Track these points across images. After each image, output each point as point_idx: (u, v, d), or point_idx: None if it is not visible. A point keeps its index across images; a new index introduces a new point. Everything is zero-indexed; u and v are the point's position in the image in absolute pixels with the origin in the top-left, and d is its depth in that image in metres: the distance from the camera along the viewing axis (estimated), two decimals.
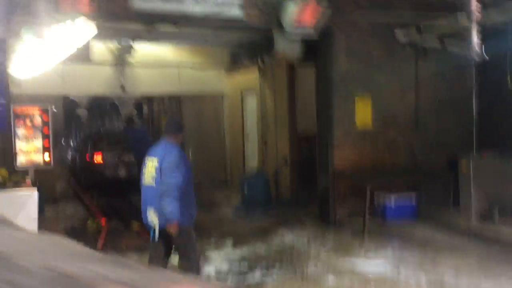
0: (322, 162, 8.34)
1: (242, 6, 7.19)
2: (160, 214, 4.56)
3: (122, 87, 11.48)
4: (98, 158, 11.20)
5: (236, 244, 7.17)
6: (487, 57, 7.34)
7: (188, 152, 13.43)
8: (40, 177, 10.33)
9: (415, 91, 8.69)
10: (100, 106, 14.72)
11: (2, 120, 6.07)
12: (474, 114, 9.04)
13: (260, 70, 10.77)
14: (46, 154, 10.54)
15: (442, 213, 7.79)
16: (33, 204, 4.68)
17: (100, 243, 7.17)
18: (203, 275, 5.04)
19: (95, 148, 11.28)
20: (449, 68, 8.73)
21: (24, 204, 4.62)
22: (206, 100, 12.94)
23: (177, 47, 11.85)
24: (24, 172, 6.27)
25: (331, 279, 5.66)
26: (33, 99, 10.65)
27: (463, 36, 8.24)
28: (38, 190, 9.55)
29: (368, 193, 7.54)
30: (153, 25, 7.19)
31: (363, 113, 8.28)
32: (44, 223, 8.49)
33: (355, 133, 8.24)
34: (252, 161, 11.39)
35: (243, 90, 11.81)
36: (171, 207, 4.48)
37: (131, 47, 10.84)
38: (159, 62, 11.83)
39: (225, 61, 12.16)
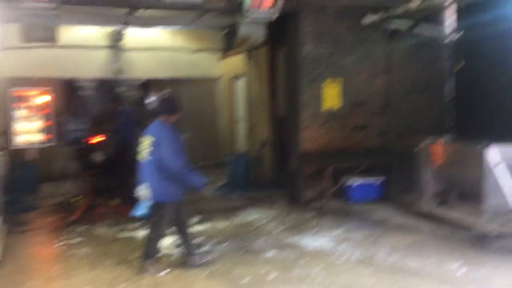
0: (291, 144, 8.53)
1: None
2: (154, 189, 5.07)
3: (117, 71, 11.91)
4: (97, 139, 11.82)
5: (201, 221, 7.50)
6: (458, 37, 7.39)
7: (184, 133, 13.85)
8: (39, 156, 11.01)
9: (386, 74, 8.75)
10: (105, 88, 15.19)
11: None
12: (448, 96, 9.04)
13: (247, 53, 10.98)
14: (45, 134, 11.20)
15: (406, 196, 7.88)
16: None
17: (75, 215, 7.62)
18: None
19: (95, 129, 11.83)
20: (421, 51, 8.76)
21: None
22: (200, 83, 13.22)
23: (173, 32, 12.18)
24: None
25: (272, 252, 5.93)
26: (33, 82, 11.24)
27: (435, 17, 8.33)
28: (32, 168, 10.23)
29: (328, 174, 7.72)
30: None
31: (332, 96, 8.41)
32: (38, 198, 9.15)
33: (323, 116, 8.39)
34: (243, 143, 11.68)
35: (234, 74, 12.04)
36: (195, 177, 5.25)
37: (122, 32, 11.27)
38: (153, 46, 12.19)
39: (219, 45, 12.40)
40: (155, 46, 12.22)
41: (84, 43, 11.60)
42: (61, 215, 7.90)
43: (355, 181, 8.19)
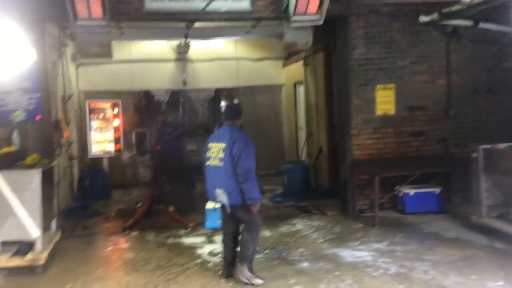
0: (342, 152, 8.29)
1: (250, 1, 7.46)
2: (230, 193, 5.08)
3: (184, 82, 12.37)
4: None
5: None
6: None
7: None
8: (111, 164, 11.71)
9: (446, 76, 8.22)
10: (177, 99, 15.86)
11: (36, 112, 7.02)
12: None
13: (304, 60, 10.89)
14: (117, 144, 11.87)
15: (465, 208, 7.34)
16: (37, 183, 5.47)
17: (129, 222, 7.98)
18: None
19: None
20: (486, 50, 8.12)
21: (30, 182, 5.46)
22: (265, 91, 13.31)
23: (236, 41, 12.39)
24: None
25: (307, 263, 5.80)
26: (106, 95, 11.99)
27: (500, 14, 7.67)
28: (103, 175, 10.86)
29: (376, 183, 7.39)
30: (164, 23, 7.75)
31: (385, 101, 8.06)
32: (106, 204, 9.74)
33: (376, 122, 8.05)
34: (304, 151, 11.57)
35: (296, 81, 11.99)
36: (255, 189, 5.07)
37: (187, 44, 11.69)
38: (218, 57, 12.48)
39: (282, 53, 12.40)
40: (220, 57, 12.50)
41: (153, 57, 12.15)
42: (122, 220, 8.27)
43: (411, 191, 7.74)
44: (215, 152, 5.19)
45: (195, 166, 9.55)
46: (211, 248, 6.50)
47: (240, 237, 5.34)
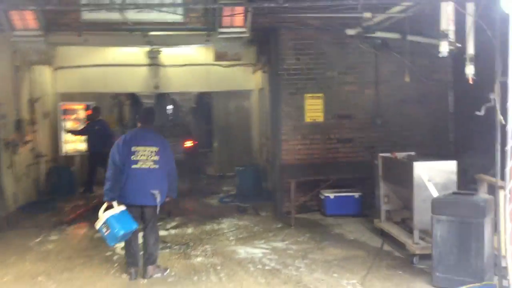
0: (273, 157, 8.72)
1: (184, 12, 7.97)
2: (162, 193, 5.42)
3: (156, 86, 12.97)
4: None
5: (177, 225, 8.05)
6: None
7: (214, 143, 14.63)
8: (83, 163, 12.37)
9: (375, 86, 8.57)
10: (161, 101, 16.53)
11: None
12: (446, 110, 8.59)
13: (263, 68, 11.33)
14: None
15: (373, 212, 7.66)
16: None
17: (68, 217, 8.58)
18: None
19: None
20: (416, 62, 8.40)
21: None
22: (235, 96, 13.80)
23: (208, 48, 12.89)
24: None
25: (202, 258, 6.27)
26: (81, 97, 12.70)
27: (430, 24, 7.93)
28: (70, 174, 11.52)
29: (292, 186, 7.80)
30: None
31: (314, 109, 8.46)
32: (69, 200, 10.36)
33: (305, 129, 8.46)
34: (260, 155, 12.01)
35: (259, 88, 12.44)
36: (176, 185, 5.63)
37: (158, 50, 12.30)
38: (190, 62, 12.99)
39: (252, 60, 12.85)
40: (191, 62, 13.01)
41: (126, 61, 12.75)
42: (70, 215, 8.85)
43: (332, 194, 8.13)
44: (146, 155, 5.44)
45: None
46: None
47: (143, 239, 5.57)
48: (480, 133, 6.37)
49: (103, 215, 5.25)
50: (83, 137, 11.70)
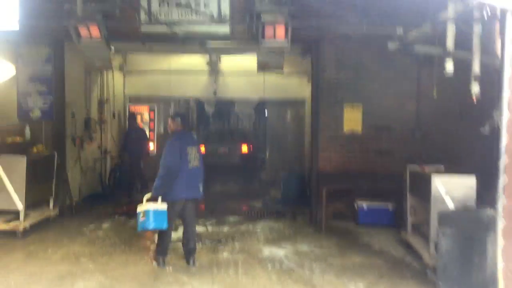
0: (311, 165, 9.03)
1: (230, 26, 8.55)
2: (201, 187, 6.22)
3: (214, 92, 13.72)
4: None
5: (218, 223, 8.62)
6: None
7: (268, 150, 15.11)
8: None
9: (416, 99, 8.63)
10: (221, 107, 17.26)
11: (49, 112, 8.73)
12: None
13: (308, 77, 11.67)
14: (151, 144, 13.53)
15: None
16: (23, 167, 7.09)
17: (120, 209, 9.42)
18: None
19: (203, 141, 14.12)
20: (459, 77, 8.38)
21: (17, 166, 7.09)
22: (290, 105, 14.21)
23: None
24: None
25: (227, 253, 6.77)
26: (147, 100, 13.73)
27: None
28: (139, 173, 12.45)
29: (323, 194, 8.08)
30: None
31: (353, 120, 8.69)
32: (129, 195, 11.29)
33: (342, 139, 8.70)
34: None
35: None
36: None
37: (218, 59, 13.06)
38: (247, 71, 13.62)
39: (307, 69, 13.24)
40: (248, 70, 13.62)
41: (189, 69, 13.62)
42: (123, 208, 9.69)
43: (365, 204, 8.31)
44: (193, 154, 6.10)
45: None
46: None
47: (186, 232, 6.20)
48: None
49: (147, 205, 5.80)
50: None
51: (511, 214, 4.21)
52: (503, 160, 4.15)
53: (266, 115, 15.60)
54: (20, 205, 7.17)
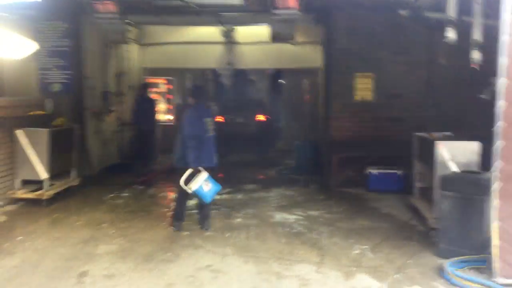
0: (323, 133, 9.22)
1: None
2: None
3: (229, 62, 13.86)
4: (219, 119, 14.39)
5: (232, 191, 8.92)
6: None
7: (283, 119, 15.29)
8: (163, 131, 13.73)
9: (427, 67, 8.68)
10: (238, 78, 17.42)
11: (69, 85, 9.07)
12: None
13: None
14: (168, 115, 13.86)
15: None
16: (45, 139, 7.47)
17: (141, 179, 9.78)
18: None
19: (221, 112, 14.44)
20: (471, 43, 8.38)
21: (41, 138, 7.48)
22: (305, 73, 14.29)
23: None
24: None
25: (241, 218, 7.09)
26: (164, 72, 13.97)
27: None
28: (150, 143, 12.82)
29: (334, 161, 8.29)
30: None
31: (364, 88, 8.80)
32: (148, 165, 11.65)
33: (354, 107, 8.85)
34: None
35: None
36: None
37: (232, 29, 13.17)
38: (261, 40, 13.68)
39: (321, 39, 13.26)
40: (263, 40, 13.70)
41: (204, 39, 13.76)
42: (143, 177, 10.07)
43: (375, 171, 8.50)
44: (210, 125, 6.41)
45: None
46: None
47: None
48: None
49: (202, 176, 6.05)
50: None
51: (507, 177, 4.36)
52: (499, 125, 4.28)
53: (281, 84, 15.73)
54: (43, 175, 7.57)
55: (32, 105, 8.39)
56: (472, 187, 5.05)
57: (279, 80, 16.27)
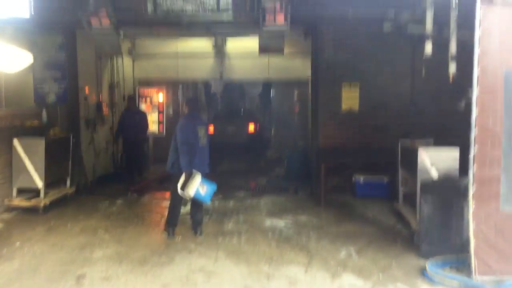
0: (312, 141, 9.51)
1: (233, 11, 8.96)
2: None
3: (221, 74, 14.18)
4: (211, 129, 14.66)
5: (224, 198, 9.15)
6: None
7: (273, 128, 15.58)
8: (155, 142, 13.94)
9: (411, 78, 9.02)
10: (229, 89, 17.76)
11: (64, 96, 9.29)
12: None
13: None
14: (160, 125, 14.08)
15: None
16: (42, 148, 7.68)
17: (134, 187, 9.97)
18: None
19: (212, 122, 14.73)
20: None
21: (37, 148, 7.69)
22: (293, 85, 14.63)
23: None
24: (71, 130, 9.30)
25: (232, 224, 7.33)
26: (156, 83, 14.23)
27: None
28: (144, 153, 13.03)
29: (323, 169, 8.57)
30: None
31: (350, 98, 9.12)
32: (140, 175, 11.85)
33: (341, 116, 9.15)
34: None
35: None
36: None
37: (224, 41, 13.49)
38: (251, 52, 14.02)
39: (309, 50, 13.61)
40: (253, 52, 14.02)
41: (195, 52, 14.06)
42: (135, 187, 10.27)
43: (362, 178, 8.79)
44: (202, 133, 6.62)
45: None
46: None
47: (195, 203, 6.65)
48: None
49: (195, 181, 6.30)
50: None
51: (481, 180, 4.67)
52: (474, 132, 4.59)
53: (271, 95, 16.05)
54: (40, 183, 7.78)
55: (28, 115, 8.61)
56: (451, 192, 5.36)
57: (270, 91, 16.64)
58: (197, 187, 6.34)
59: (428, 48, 5.61)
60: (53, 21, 9.05)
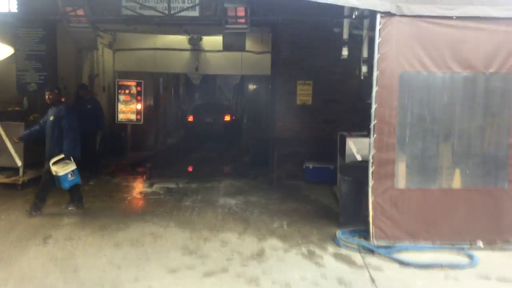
0: (269, 132, 10.50)
1: (199, 11, 9.89)
2: None
3: (196, 68, 15.11)
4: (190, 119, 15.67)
5: (189, 181, 10.12)
6: None
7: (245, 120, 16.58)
8: (133, 131, 14.83)
9: (359, 76, 9.99)
10: (207, 82, 18.70)
11: (44, 85, 10.17)
12: None
13: None
14: (138, 115, 14.95)
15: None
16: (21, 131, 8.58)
17: (105, 170, 10.91)
18: None
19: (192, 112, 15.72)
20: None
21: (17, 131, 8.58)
22: (266, 80, 15.60)
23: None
24: None
25: (187, 203, 8.27)
26: (135, 75, 15.12)
27: None
28: (121, 139, 13.96)
29: (276, 156, 9.56)
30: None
31: (304, 94, 10.11)
32: (118, 161, 12.78)
33: (296, 110, 10.14)
34: None
35: None
36: None
37: (199, 37, 14.43)
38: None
39: None
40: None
41: (172, 46, 14.96)
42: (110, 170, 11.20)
43: (311, 165, 9.81)
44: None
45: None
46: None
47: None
48: None
49: (71, 166, 7.25)
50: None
51: (379, 162, 5.68)
52: (373, 123, 5.60)
53: (244, 89, 17.02)
54: (19, 162, 8.69)
55: (10, 102, 9.49)
56: (362, 172, 6.35)
57: (243, 85, 17.57)
58: (69, 171, 7.19)
59: (344, 51, 6.61)
60: (35, 15, 9.91)
